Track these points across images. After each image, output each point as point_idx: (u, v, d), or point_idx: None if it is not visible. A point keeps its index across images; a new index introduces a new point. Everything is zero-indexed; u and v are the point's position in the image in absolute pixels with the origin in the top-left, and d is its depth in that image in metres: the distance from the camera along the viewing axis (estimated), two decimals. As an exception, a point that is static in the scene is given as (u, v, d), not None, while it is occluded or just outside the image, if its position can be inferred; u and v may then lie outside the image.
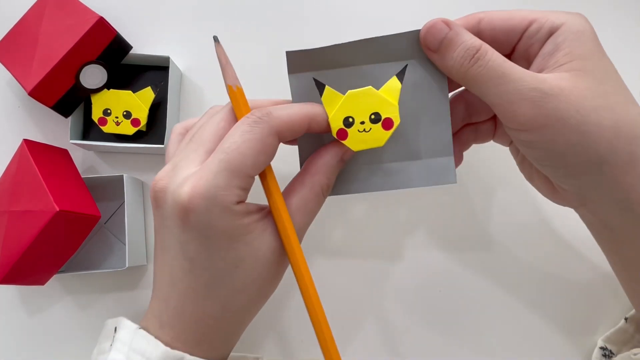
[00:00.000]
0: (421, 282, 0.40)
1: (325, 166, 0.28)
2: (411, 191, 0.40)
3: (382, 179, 0.29)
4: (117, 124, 0.39)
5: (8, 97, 0.42)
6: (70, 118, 0.39)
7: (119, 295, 0.40)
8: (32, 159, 0.35)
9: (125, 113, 0.39)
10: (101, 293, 0.40)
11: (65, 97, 0.38)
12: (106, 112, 0.39)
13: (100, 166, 0.42)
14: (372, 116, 0.27)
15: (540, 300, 0.40)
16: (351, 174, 0.29)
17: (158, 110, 0.40)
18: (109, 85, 0.39)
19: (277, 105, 0.28)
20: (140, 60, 0.41)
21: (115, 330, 0.28)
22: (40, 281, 0.37)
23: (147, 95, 0.39)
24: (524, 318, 0.40)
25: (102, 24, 0.37)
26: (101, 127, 0.39)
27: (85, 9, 0.37)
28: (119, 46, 0.39)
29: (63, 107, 0.38)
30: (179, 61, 0.42)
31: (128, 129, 0.39)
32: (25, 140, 0.37)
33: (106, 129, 0.39)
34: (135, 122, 0.39)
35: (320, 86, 0.27)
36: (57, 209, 0.33)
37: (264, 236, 0.26)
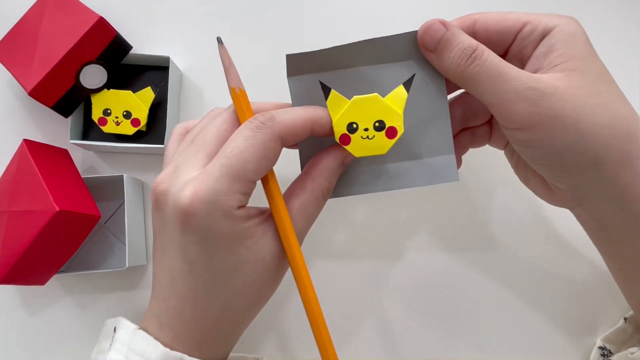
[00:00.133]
0: (421, 282, 0.40)
1: (326, 169, 0.28)
2: (411, 192, 0.40)
3: (383, 180, 0.29)
4: (117, 124, 0.39)
5: (8, 97, 0.42)
6: (70, 118, 0.39)
7: (119, 295, 0.40)
8: (32, 159, 0.35)
9: (125, 113, 0.39)
10: (101, 293, 0.40)
11: (65, 97, 0.38)
12: (106, 112, 0.39)
13: (100, 166, 0.42)
14: (377, 124, 0.27)
15: (540, 300, 0.40)
16: (352, 176, 0.29)
17: (158, 110, 0.40)
18: (109, 85, 0.39)
19: (280, 108, 0.28)
20: (140, 60, 0.41)
21: (115, 330, 0.28)
22: (40, 281, 0.37)
23: (147, 95, 0.39)
24: (523, 318, 0.40)
25: (102, 24, 0.37)
26: (101, 127, 0.39)
27: (85, 9, 0.37)
28: (119, 46, 0.39)
29: (63, 107, 0.38)
30: (179, 61, 0.42)
31: (128, 129, 0.39)
32: (25, 140, 0.37)
33: (106, 129, 0.39)
34: (135, 122, 0.39)
35: (326, 89, 0.27)
36: (57, 209, 0.33)
37: (265, 240, 0.26)
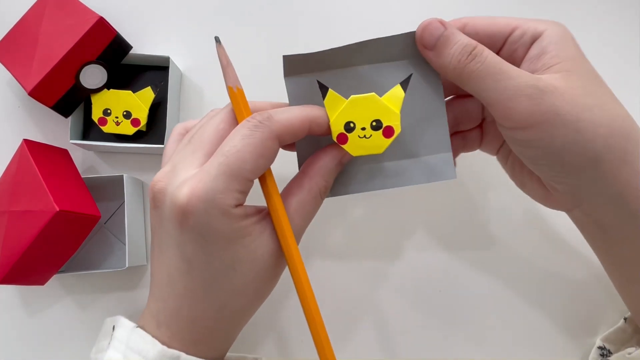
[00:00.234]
0: (420, 282, 0.40)
1: (323, 169, 0.28)
2: (410, 191, 0.40)
3: (380, 178, 0.29)
4: (117, 124, 0.39)
5: (8, 97, 0.42)
6: (70, 118, 0.39)
7: (119, 295, 0.40)
8: (32, 159, 0.35)
9: (125, 113, 0.39)
10: (101, 293, 0.40)
11: (65, 97, 0.38)
12: (106, 112, 0.39)
13: (100, 166, 0.42)
14: (374, 123, 0.27)
15: (539, 300, 0.40)
16: (349, 175, 0.29)
17: (158, 110, 0.40)
18: (109, 85, 0.39)
19: (277, 108, 0.28)
20: (140, 60, 0.41)
21: (113, 328, 0.28)
22: (40, 281, 0.37)
23: (147, 95, 0.39)
24: (523, 318, 0.40)
25: (102, 24, 0.37)
26: (101, 127, 0.39)
27: (85, 9, 0.37)
28: (119, 46, 0.39)
29: (63, 107, 0.38)
30: (179, 61, 0.42)
31: (128, 129, 0.39)
32: (25, 140, 0.37)
33: (106, 129, 0.39)
34: (135, 122, 0.39)
35: (323, 89, 0.27)
36: (57, 209, 0.33)
37: (262, 239, 0.26)
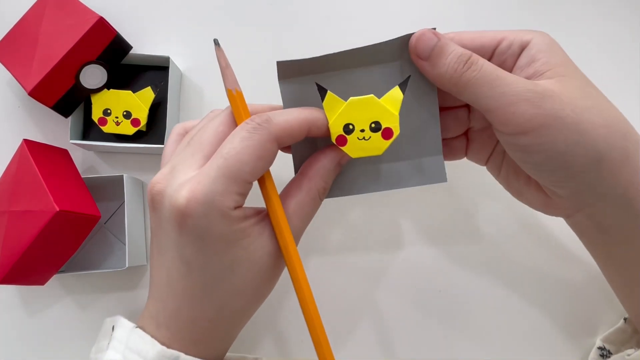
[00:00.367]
0: (420, 282, 0.40)
1: (322, 170, 0.28)
2: (409, 191, 0.40)
3: (375, 180, 0.29)
4: (117, 124, 0.39)
5: (8, 97, 0.42)
6: (70, 118, 0.39)
7: (119, 295, 0.40)
8: (32, 159, 0.35)
9: (125, 113, 0.39)
10: (101, 293, 0.40)
11: (65, 97, 0.38)
12: (106, 112, 0.39)
13: (100, 166, 0.42)
14: (373, 125, 0.27)
15: (539, 300, 0.40)
16: (345, 176, 0.30)
17: (158, 110, 0.40)
18: (109, 85, 0.39)
19: (275, 110, 0.28)
20: (140, 60, 0.41)
21: (113, 329, 0.28)
22: (40, 281, 0.37)
23: (147, 95, 0.39)
24: (523, 318, 0.40)
25: (102, 24, 0.37)
26: (101, 127, 0.39)
27: (85, 9, 0.37)
28: (119, 46, 0.39)
29: (63, 107, 0.38)
30: (179, 61, 0.42)
31: (128, 129, 0.39)
32: (25, 140, 0.37)
33: (106, 129, 0.39)
34: (135, 122, 0.39)
35: (322, 91, 0.27)
36: (57, 209, 0.33)
37: (261, 240, 0.26)
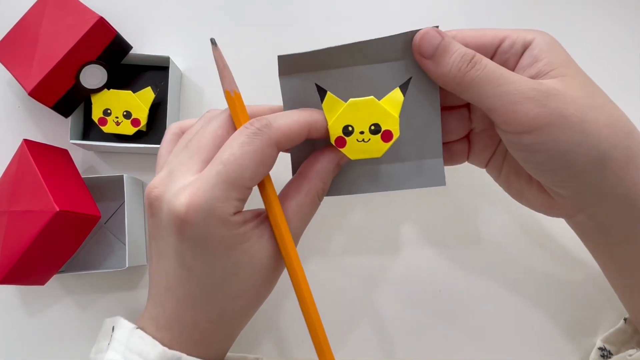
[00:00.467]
0: (420, 282, 0.40)
1: (322, 171, 0.28)
2: (409, 192, 0.40)
3: (374, 181, 0.29)
4: (117, 124, 0.39)
5: (8, 97, 0.42)
6: (70, 118, 0.39)
7: (119, 295, 0.40)
8: (32, 159, 0.35)
9: (125, 113, 0.39)
10: (101, 293, 0.40)
11: (65, 97, 0.38)
12: (106, 112, 0.39)
13: (100, 166, 0.42)
14: (372, 127, 0.27)
15: (539, 301, 0.40)
16: (344, 175, 0.29)
17: (158, 110, 0.40)
18: (109, 85, 0.39)
19: (274, 111, 0.27)
20: (140, 60, 0.41)
21: (113, 329, 0.28)
22: (40, 281, 0.37)
23: (147, 95, 0.39)
24: (523, 318, 0.40)
25: (102, 24, 0.37)
26: (101, 127, 0.39)
27: (85, 9, 0.37)
28: (119, 46, 0.39)
29: (63, 107, 0.38)
30: (179, 61, 0.42)
31: (128, 129, 0.39)
32: (25, 140, 0.37)
33: (106, 129, 0.39)
34: (135, 122, 0.39)
35: (322, 92, 0.27)
36: (57, 209, 0.33)
37: (261, 243, 0.26)
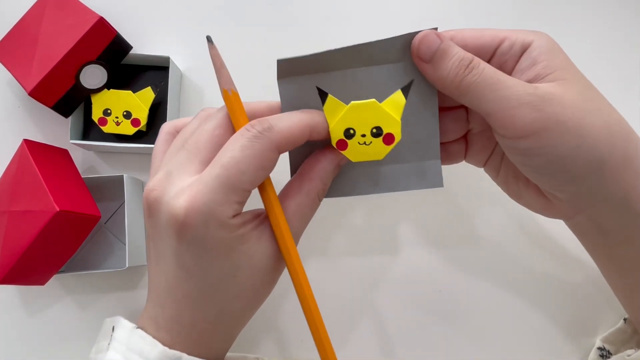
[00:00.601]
0: (421, 283, 0.40)
1: (322, 171, 0.27)
2: (410, 192, 0.40)
3: (372, 182, 0.29)
4: (117, 124, 0.39)
5: (8, 97, 0.42)
6: (70, 118, 0.39)
7: (119, 295, 0.40)
8: (32, 159, 0.35)
9: (125, 113, 0.39)
10: (101, 293, 0.40)
11: (65, 97, 0.38)
12: (106, 112, 0.39)
13: (100, 166, 0.42)
14: (374, 130, 0.26)
15: (539, 301, 0.40)
16: (342, 177, 0.29)
17: (158, 110, 0.40)
18: (109, 85, 0.39)
19: (272, 108, 0.27)
20: (140, 60, 0.41)
21: (113, 329, 0.28)
22: (40, 281, 0.37)
23: (147, 95, 0.39)
24: (523, 318, 0.40)
25: (102, 24, 0.37)
26: (101, 127, 0.39)
27: (85, 9, 0.37)
28: (119, 46, 0.39)
29: (63, 107, 0.38)
30: (179, 61, 0.42)
31: (128, 129, 0.39)
32: (25, 140, 0.37)
33: (106, 129, 0.39)
34: (135, 122, 0.39)
35: (323, 95, 0.27)
36: (57, 209, 0.33)
37: (260, 244, 0.26)
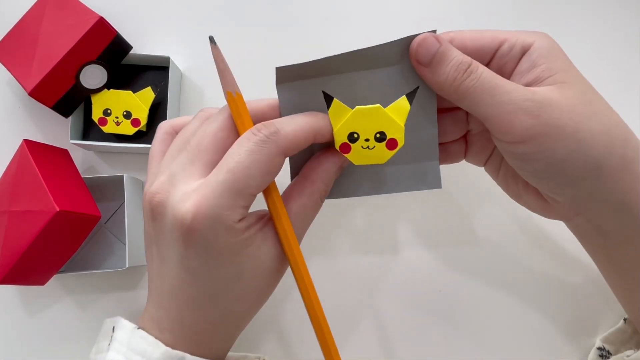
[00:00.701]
0: (421, 282, 0.40)
1: (324, 173, 0.28)
2: (409, 194, 0.40)
3: (372, 184, 0.29)
4: (117, 124, 0.39)
5: (8, 97, 0.42)
6: (70, 118, 0.39)
7: (119, 295, 0.40)
8: (32, 159, 0.35)
9: (125, 113, 0.39)
10: (101, 293, 0.40)
11: (65, 97, 0.38)
12: (106, 112, 0.39)
13: (100, 166, 0.42)
14: (378, 135, 0.27)
15: (539, 301, 0.40)
16: (343, 178, 0.29)
17: (158, 110, 0.40)
18: (109, 85, 0.39)
19: (272, 106, 0.27)
20: (140, 60, 0.41)
21: (113, 329, 0.28)
22: (40, 281, 0.37)
23: (147, 95, 0.39)
24: (522, 318, 0.40)
25: (102, 24, 0.37)
26: (101, 127, 0.39)
27: (85, 9, 0.37)
28: (119, 46, 0.39)
29: (63, 107, 0.38)
30: (179, 61, 0.42)
31: (128, 129, 0.39)
32: (25, 140, 0.37)
33: (106, 129, 0.39)
34: (136, 122, 0.39)
35: (328, 98, 0.27)
36: (57, 209, 0.33)
37: (265, 246, 0.26)
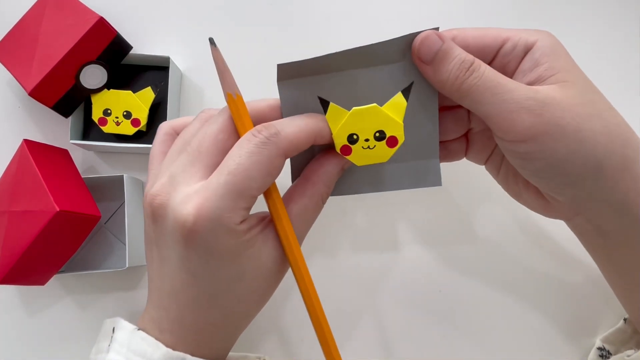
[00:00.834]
0: (421, 283, 0.40)
1: (325, 175, 0.27)
2: (410, 192, 0.40)
3: (372, 181, 0.29)
4: (117, 124, 0.39)
5: (8, 97, 0.42)
6: (70, 118, 0.39)
7: (119, 295, 0.40)
8: (32, 159, 0.35)
9: (125, 113, 0.39)
10: (101, 293, 0.40)
11: (65, 97, 0.38)
12: (106, 112, 0.39)
13: (100, 166, 0.42)
14: (377, 134, 0.27)
15: (539, 301, 0.40)
16: (344, 176, 0.29)
17: (158, 110, 0.40)
18: (109, 85, 0.39)
19: (272, 107, 0.27)
20: (140, 60, 0.41)
21: (113, 330, 0.28)
22: (40, 281, 0.37)
23: (147, 95, 0.39)
24: (522, 318, 0.40)
25: (102, 24, 0.37)
26: (101, 127, 0.39)
27: (85, 9, 0.37)
28: (119, 46, 0.39)
29: (63, 107, 0.38)
30: (179, 61, 0.42)
31: (128, 129, 0.39)
32: (25, 140, 0.37)
33: (106, 129, 0.39)
34: (136, 122, 0.39)
35: (325, 103, 0.27)
36: (57, 209, 0.33)
37: (266, 248, 0.26)
